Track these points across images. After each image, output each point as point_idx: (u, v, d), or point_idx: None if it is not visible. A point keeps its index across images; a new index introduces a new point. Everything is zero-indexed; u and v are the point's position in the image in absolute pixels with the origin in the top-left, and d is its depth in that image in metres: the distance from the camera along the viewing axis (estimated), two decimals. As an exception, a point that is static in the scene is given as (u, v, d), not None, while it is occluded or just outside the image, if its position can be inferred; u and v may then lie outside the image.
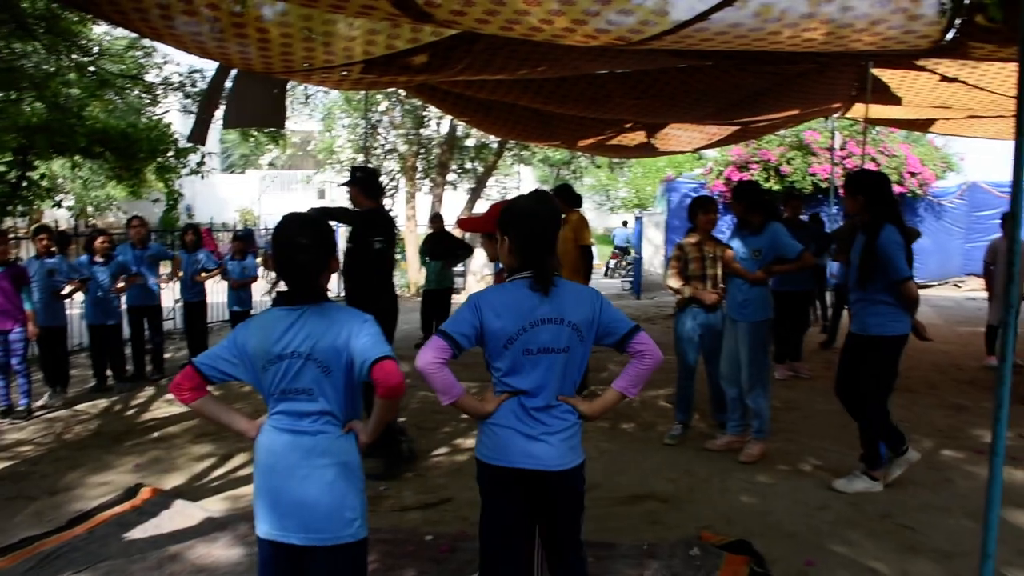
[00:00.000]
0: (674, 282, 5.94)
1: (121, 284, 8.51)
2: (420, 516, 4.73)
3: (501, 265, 3.68)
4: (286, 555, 2.57)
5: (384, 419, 2.67)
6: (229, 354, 2.66)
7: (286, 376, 2.57)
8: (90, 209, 26.42)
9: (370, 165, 19.17)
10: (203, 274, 9.50)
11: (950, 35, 4.81)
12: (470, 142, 19.89)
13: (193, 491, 5.12)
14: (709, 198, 6.12)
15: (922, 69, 7.47)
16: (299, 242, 2.59)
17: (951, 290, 17.86)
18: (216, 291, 10.92)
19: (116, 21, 5.54)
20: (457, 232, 16.75)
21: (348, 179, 6.12)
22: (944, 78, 7.66)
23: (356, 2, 4.02)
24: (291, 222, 2.67)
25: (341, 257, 4.83)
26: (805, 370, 8.50)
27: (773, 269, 5.69)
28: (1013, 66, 6.74)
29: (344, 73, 6.00)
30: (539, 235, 2.85)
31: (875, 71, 8.09)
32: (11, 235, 8.44)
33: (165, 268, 9.75)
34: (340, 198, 23.94)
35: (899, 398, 7.15)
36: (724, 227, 14.61)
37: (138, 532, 4.46)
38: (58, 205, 11.31)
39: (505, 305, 2.77)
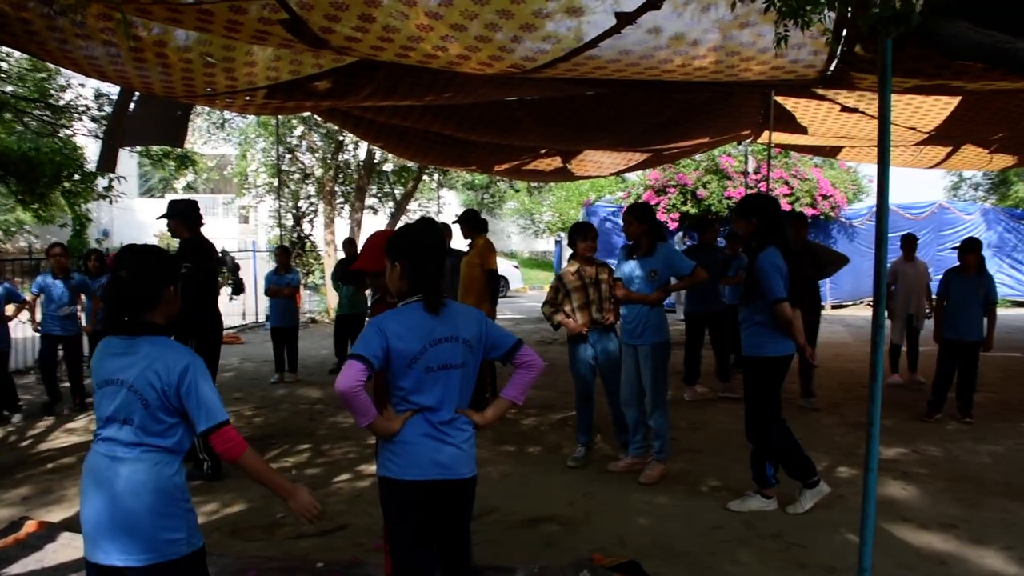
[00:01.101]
0: (547, 310, 6.14)
1: (11, 312, 8.23)
2: (314, 543, 4.64)
3: (377, 295, 3.76)
4: None
5: (259, 476, 2.70)
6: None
7: (111, 402, 2.59)
8: (0, 234, 25.52)
9: (287, 188, 19.00)
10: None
11: (834, 65, 5.04)
12: (388, 166, 19.85)
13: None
14: (587, 224, 6.20)
15: (823, 99, 7.74)
16: (119, 275, 2.63)
17: (863, 309, 18.44)
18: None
19: (10, 44, 5.40)
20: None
21: (166, 212, 6.17)
22: (844, 108, 7.95)
23: (250, 28, 4.01)
24: (120, 255, 2.71)
25: None
26: (722, 390, 8.58)
27: (669, 288, 5.78)
28: (908, 97, 7.12)
29: (248, 98, 5.96)
30: (429, 261, 2.96)
31: (779, 99, 8.33)
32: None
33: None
34: (265, 222, 23.63)
35: (801, 417, 7.38)
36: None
37: (17, 567, 4.29)
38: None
39: (406, 327, 2.85)
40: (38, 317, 8.42)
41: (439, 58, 4.42)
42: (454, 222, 8.14)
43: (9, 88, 10.64)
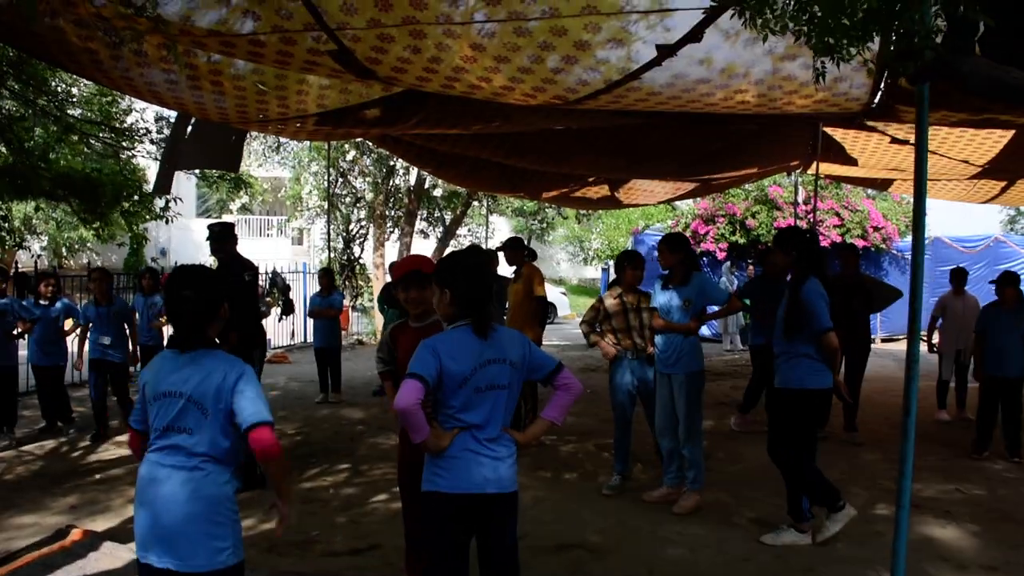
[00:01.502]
0: (584, 328, 6.25)
1: (68, 327, 8.47)
2: (347, 561, 4.73)
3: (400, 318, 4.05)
4: None
5: (279, 479, 2.84)
6: (141, 401, 2.84)
7: (168, 412, 2.71)
8: (64, 251, 26.29)
9: (339, 210, 19.30)
10: (161, 319, 9.45)
11: (878, 98, 5.03)
12: (438, 191, 20.07)
13: (126, 533, 5.06)
14: (637, 253, 6.26)
15: (872, 130, 7.67)
16: (183, 294, 2.77)
17: (915, 344, 18.07)
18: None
19: (74, 70, 5.64)
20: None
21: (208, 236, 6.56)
22: (894, 140, 7.86)
23: (300, 58, 4.15)
24: (178, 274, 2.86)
25: None
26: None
27: (704, 317, 5.77)
28: (960, 131, 7.03)
29: (299, 124, 6.13)
30: (477, 287, 3.11)
31: (828, 130, 8.27)
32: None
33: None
34: (317, 243, 24.02)
35: (843, 451, 7.27)
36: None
37: (61, 574, 4.44)
38: (19, 247, 11.31)
39: (458, 349, 3.01)
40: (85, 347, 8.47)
41: (484, 89, 4.51)
42: (498, 249, 8.24)
43: (77, 112, 11.06)
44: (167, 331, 9.67)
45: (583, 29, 3.68)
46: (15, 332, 7.91)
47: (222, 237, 6.46)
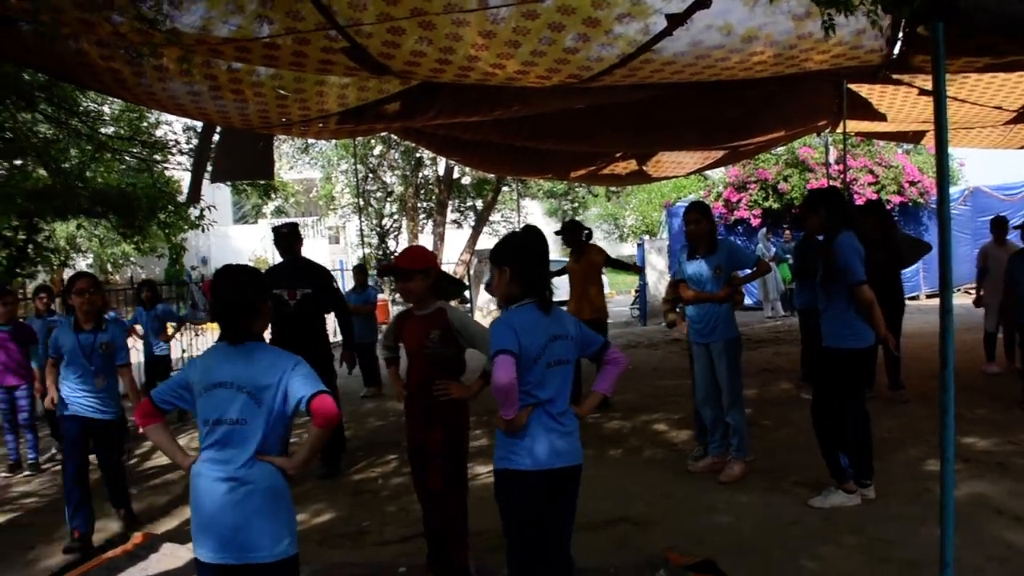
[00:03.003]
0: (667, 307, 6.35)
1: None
2: (398, 549, 4.80)
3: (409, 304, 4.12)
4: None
5: (316, 450, 2.88)
6: (177, 386, 2.91)
7: (221, 404, 2.77)
8: (108, 267, 26.83)
9: (371, 206, 19.43)
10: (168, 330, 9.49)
11: (897, 48, 4.96)
12: (467, 180, 20.13)
13: (184, 534, 5.21)
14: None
15: (899, 83, 7.54)
16: (228, 292, 2.85)
17: (960, 297, 17.76)
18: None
19: (99, 89, 5.77)
20: (460, 271, 16.90)
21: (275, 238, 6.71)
22: (922, 91, 7.73)
23: (314, 58, 4.21)
24: (222, 274, 2.92)
25: None
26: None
27: (735, 282, 5.75)
28: (990, 76, 6.89)
29: (321, 124, 6.20)
30: (538, 265, 3.22)
31: (852, 87, 8.15)
32: (18, 294, 8.65)
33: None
34: (353, 240, 24.21)
35: (891, 408, 7.20)
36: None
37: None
38: (63, 265, 11.61)
39: (530, 326, 3.10)
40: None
41: (498, 75, 4.53)
42: (556, 233, 8.55)
43: (109, 130, 11.29)
44: (175, 341, 9.90)
45: (591, 6, 3.68)
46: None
47: (291, 239, 6.54)
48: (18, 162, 10.46)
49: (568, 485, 3.20)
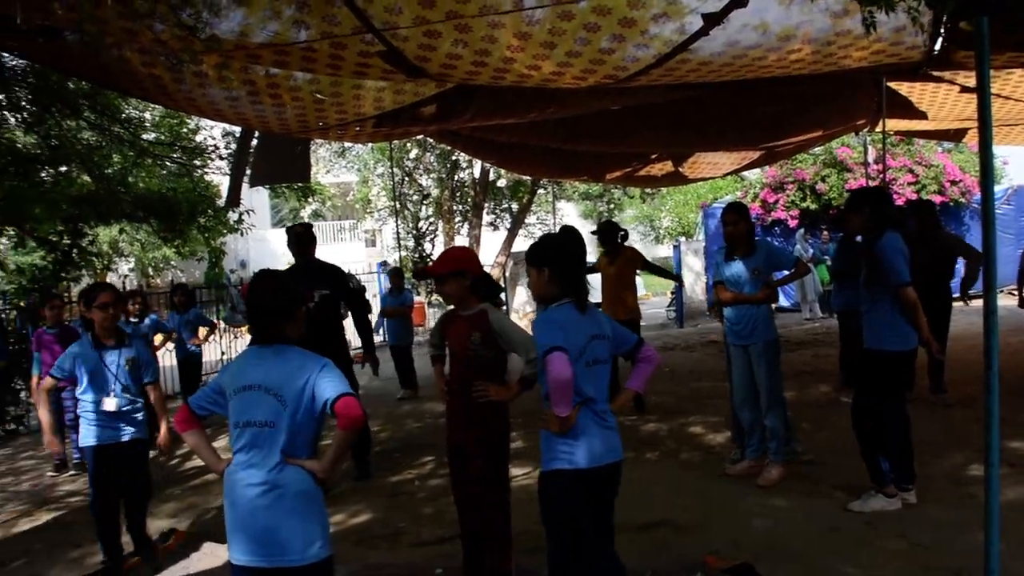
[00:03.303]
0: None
1: (158, 342, 8.83)
2: (434, 550, 4.83)
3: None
4: None
5: (343, 453, 2.90)
6: (212, 392, 2.96)
7: (249, 406, 2.80)
8: (150, 270, 27.27)
9: (407, 209, 19.52)
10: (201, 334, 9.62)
11: (939, 44, 4.89)
12: (502, 182, 20.16)
13: (223, 533, 5.28)
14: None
15: (940, 81, 7.43)
16: (262, 296, 2.89)
17: (1005, 298, 17.43)
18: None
19: (141, 96, 5.87)
20: (496, 273, 16.92)
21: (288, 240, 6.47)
22: (964, 88, 7.61)
23: (351, 62, 4.25)
24: (257, 279, 2.96)
25: None
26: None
27: (773, 284, 5.68)
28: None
29: (358, 128, 6.25)
30: (576, 265, 3.26)
31: (892, 86, 8.04)
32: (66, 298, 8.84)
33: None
34: (389, 243, 24.38)
35: (933, 412, 7.08)
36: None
37: (166, 574, 4.74)
38: (106, 269, 11.82)
39: (571, 324, 3.14)
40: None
41: (533, 76, 4.54)
42: (593, 233, 8.49)
43: (150, 136, 11.51)
44: (214, 344, 10.04)
45: (627, 6, 3.67)
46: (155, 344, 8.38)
47: (306, 240, 6.33)
48: (63, 168, 10.68)
49: (615, 481, 3.27)
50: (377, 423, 8.81)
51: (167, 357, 9.28)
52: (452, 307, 4.20)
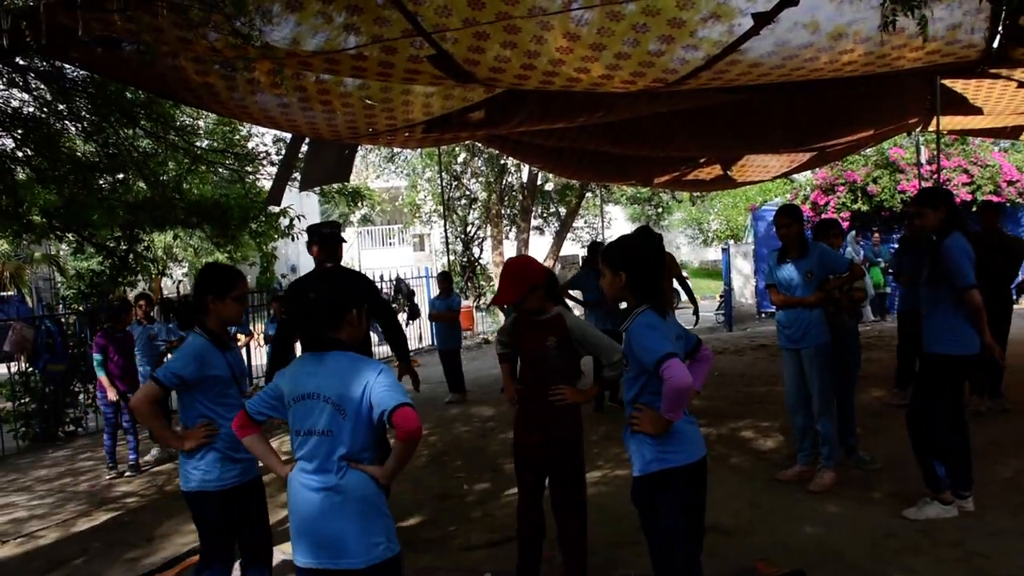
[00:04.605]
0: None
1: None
2: (485, 554, 4.83)
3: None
4: None
5: (404, 461, 2.86)
6: (269, 397, 2.96)
7: (309, 415, 2.80)
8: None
9: (455, 214, 19.58)
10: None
11: (996, 42, 4.78)
12: (550, 186, 20.16)
13: (275, 536, 5.34)
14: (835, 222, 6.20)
15: (996, 77, 7.27)
16: (308, 296, 2.90)
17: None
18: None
19: (195, 103, 5.99)
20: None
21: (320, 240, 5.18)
22: (1021, 84, 7.44)
23: (401, 67, 4.28)
24: (302, 282, 2.97)
25: None
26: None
27: (827, 287, 5.58)
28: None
29: (407, 133, 6.31)
30: (654, 269, 3.25)
31: (947, 82, 7.88)
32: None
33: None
34: (437, 247, 24.49)
35: (990, 419, 6.91)
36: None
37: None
38: (161, 274, 12.07)
39: (667, 328, 3.16)
40: None
41: (582, 80, 4.54)
42: None
43: (204, 143, 11.71)
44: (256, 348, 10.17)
45: (676, 7, 3.65)
46: (164, 349, 8.52)
47: (337, 241, 5.12)
48: (120, 176, 10.92)
49: (704, 474, 3.29)
50: (427, 427, 8.86)
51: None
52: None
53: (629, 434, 3.21)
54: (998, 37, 4.65)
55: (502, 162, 18.40)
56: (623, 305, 3.41)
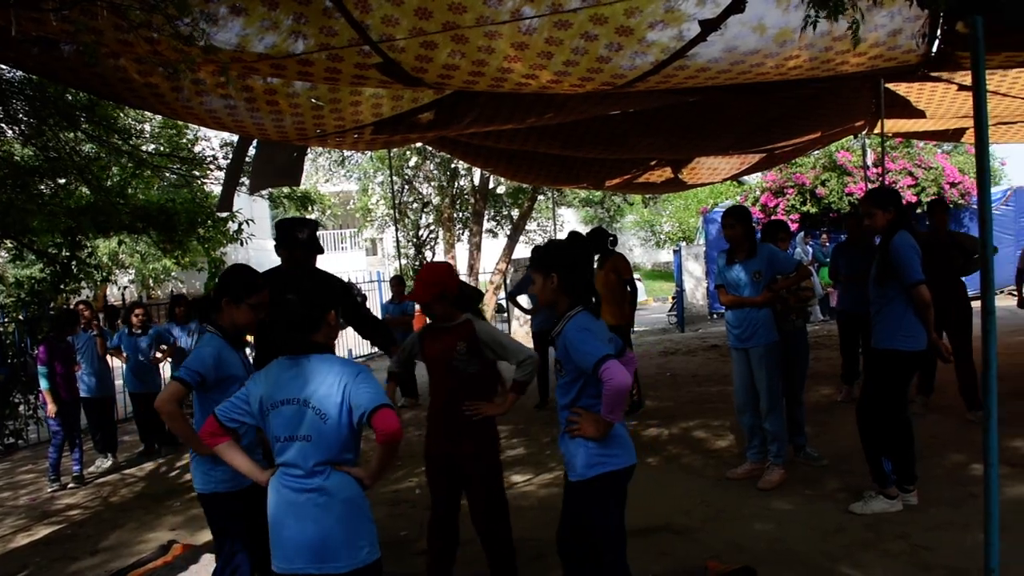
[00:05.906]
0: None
1: (159, 354, 8.85)
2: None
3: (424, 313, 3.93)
4: None
5: (386, 462, 2.85)
6: (240, 402, 2.89)
7: (288, 421, 2.76)
8: (150, 282, 27.21)
9: (407, 218, 19.50)
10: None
11: (935, 47, 4.88)
12: (502, 189, 20.18)
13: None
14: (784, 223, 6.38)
15: (938, 80, 7.43)
16: (287, 298, 2.85)
17: (1004, 299, 17.42)
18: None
19: (139, 105, 5.86)
20: (496, 280, 16.91)
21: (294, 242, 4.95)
22: (962, 87, 7.61)
23: (348, 74, 4.23)
24: (282, 284, 2.93)
25: None
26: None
27: (774, 288, 5.66)
28: (1030, 70, 6.74)
29: (356, 135, 6.24)
30: (584, 272, 3.29)
31: (891, 86, 8.03)
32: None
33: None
34: (390, 252, 24.34)
35: (934, 414, 7.05)
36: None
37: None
38: (106, 281, 11.80)
39: (600, 329, 3.18)
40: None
41: (531, 84, 4.53)
42: None
43: (150, 147, 11.50)
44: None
45: (624, 15, 3.66)
46: (157, 356, 8.71)
47: (313, 244, 4.91)
48: (61, 180, 10.67)
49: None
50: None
51: (166, 369, 9.30)
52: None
53: (567, 439, 3.21)
54: (936, 42, 4.75)
55: (454, 166, 18.38)
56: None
